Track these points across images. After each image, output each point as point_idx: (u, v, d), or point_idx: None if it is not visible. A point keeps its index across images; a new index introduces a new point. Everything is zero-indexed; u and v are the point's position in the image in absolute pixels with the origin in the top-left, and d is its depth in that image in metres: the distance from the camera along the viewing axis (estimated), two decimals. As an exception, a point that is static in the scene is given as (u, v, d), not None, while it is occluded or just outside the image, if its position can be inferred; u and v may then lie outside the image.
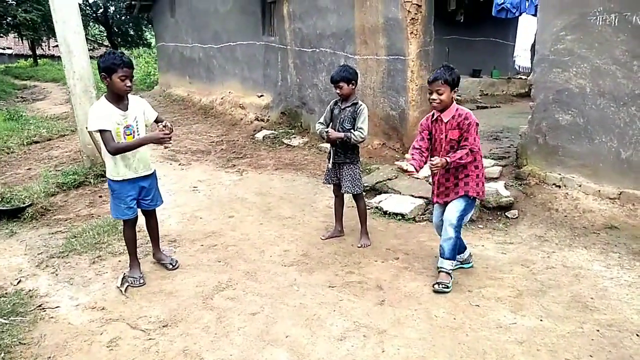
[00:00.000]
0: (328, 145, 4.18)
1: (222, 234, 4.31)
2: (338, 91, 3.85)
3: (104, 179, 3.32)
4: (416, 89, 6.01)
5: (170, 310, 3.03)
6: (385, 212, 4.73)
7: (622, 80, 4.16)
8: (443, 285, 3.21)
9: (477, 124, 3.17)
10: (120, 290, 3.26)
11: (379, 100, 6.48)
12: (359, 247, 3.97)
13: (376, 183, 5.31)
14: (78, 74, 5.71)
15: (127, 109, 3.18)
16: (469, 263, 3.57)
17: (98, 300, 3.16)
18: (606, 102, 4.30)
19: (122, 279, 3.39)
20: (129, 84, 3.08)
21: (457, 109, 3.20)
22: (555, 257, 3.71)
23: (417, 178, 3.15)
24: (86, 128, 3.19)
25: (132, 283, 3.36)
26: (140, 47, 28.08)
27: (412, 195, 4.90)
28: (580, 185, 4.54)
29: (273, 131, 8.28)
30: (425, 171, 3.44)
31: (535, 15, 6.90)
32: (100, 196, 5.25)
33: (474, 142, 3.14)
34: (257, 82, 9.51)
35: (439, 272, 3.30)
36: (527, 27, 8.28)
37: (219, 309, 3.04)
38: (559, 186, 4.69)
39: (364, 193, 4.22)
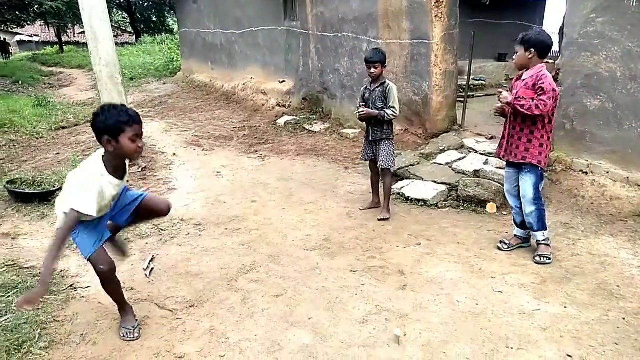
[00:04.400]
0: (353, 131, 4.24)
1: (245, 218, 4.37)
2: (372, 71, 4.06)
3: (131, 163, 3.31)
4: (440, 74, 5.93)
5: (196, 291, 3.11)
6: (407, 198, 4.72)
7: (655, 63, 4.04)
8: (545, 257, 3.36)
9: (554, 91, 3.13)
10: (145, 274, 3.35)
11: (402, 85, 6.40)
12: (378, 219, 4.19)
13: (398, 169, 5.28)
14: (104, 61, 5.80)
15: (124, 175, 2.61)
16: (528, 243, 3.63)
17: (126, 281, 3.24)
18: (637, 86, 4.17)
19: (150, 260, 3.48)
20: (140, 144, 2.43)
21: (540, 71, 3.21)
22: (580, 244, 3.67)
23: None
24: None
25: (125, 335, 2.63)
26: (163, 33, 28.25)
27: (435, 182, 4.87)
28: (607, 172, 4.44)
29: (295, 117, 8.29)
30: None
31: (564, -3, 6.69)
32: (127, 180, 5.36)
33: (545, 101, 3.08)
34: (278, 68, 9.50)
35: (538, 245, 3.44)
36: (554, 10, 8.04)
37: (243, 290, 3.11)
38: (586, 173, 4.60)
39: (392, 169, 4.42)
